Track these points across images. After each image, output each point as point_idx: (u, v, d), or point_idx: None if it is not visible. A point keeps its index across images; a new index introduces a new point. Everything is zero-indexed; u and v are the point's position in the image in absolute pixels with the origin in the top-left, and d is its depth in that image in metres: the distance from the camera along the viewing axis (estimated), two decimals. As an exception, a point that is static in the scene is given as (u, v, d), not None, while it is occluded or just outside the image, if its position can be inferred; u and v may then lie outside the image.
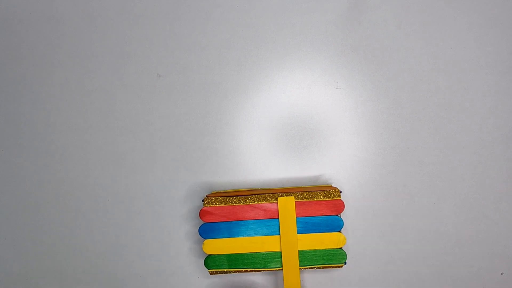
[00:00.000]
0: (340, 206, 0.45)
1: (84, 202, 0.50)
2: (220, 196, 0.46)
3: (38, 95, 0.51)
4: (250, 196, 0.46)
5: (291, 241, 0.45)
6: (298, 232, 0.46)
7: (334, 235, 0.46)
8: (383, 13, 0.49)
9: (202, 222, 0.46)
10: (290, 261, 0.45)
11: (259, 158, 0.50)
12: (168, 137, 0.50)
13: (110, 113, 0.50)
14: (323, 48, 0.50)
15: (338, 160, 0.49)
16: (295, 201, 0.45)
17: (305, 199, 0.45)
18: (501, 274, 0.49)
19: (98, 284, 0.50)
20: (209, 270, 0.46)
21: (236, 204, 0.46)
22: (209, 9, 0.50)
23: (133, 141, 0.50)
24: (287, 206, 0.45)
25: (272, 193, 0.46)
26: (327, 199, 0.45)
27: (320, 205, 0.45)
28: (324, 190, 0.46)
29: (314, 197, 0.45)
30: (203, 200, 0.46)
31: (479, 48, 0.49)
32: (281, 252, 0.46)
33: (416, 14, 0.49)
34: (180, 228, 0.50)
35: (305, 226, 0.46)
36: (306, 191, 0.46)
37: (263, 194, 0.46)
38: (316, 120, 0.50)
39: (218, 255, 0.46)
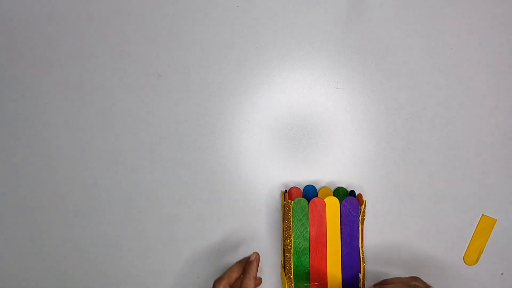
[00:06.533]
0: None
1: (84, 202, 0.50)
2: None
3: (38, 95, 0.51)
4: None
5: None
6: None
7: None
8: (383, 13, 0.49)
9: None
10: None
11: (259, 158, 0.50)
12: (168, 137, 0.50)
13: (110, 113, 0.50)
14: (323, 48, 0.50)
15: (338, 160, 0.49)
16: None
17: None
18: (501, 274, 0.49)
19: (98, 284, 0.50)
20: None
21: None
22: (209, 9, 0.50)
23: (133, 141, 0.50)
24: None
25: None
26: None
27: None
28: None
29: (314, 197, 0.45)
30: None
31: (479, 48, 0.49)
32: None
33: (416, 14, 0.49)
34: (181, 228, 0.50)
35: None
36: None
37: None
38: (316, 120, 0.50)
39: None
